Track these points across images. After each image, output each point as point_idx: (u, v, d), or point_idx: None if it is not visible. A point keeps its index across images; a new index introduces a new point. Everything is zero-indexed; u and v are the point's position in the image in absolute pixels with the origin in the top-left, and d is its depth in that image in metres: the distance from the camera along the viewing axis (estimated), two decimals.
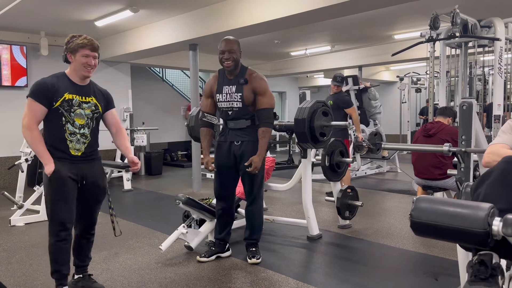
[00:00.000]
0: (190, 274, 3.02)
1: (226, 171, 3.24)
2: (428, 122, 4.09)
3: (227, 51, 3.07)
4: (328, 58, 9.91)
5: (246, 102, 3.09)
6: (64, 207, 2.51)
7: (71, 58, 2.55)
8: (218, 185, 3.30)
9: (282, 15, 4.92)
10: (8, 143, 6.87)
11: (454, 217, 1.11)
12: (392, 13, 6.14)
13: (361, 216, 4.50)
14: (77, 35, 2.58)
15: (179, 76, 11.50)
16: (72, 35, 2.58)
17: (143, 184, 7.35)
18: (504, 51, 4.55)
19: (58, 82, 2.51)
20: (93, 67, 2.57)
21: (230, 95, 3.11)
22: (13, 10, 5.24)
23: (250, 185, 3.22)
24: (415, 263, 3.27)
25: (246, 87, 3.09)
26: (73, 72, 2.57)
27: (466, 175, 2.25)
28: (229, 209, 3.34)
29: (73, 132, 2.55)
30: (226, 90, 3.13)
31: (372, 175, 7.70)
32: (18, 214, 4.55)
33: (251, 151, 3.11)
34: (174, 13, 6.17)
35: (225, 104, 3.15)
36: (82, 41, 2.53)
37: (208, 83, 3.28)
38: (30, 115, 2.46)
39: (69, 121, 2.53)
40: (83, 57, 2.52)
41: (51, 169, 2.47)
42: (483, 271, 1.12)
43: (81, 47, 2.52)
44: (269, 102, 3.12)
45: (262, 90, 3.11)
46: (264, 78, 3.19)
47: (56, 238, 2.50)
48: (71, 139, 2.54)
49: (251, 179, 3.20)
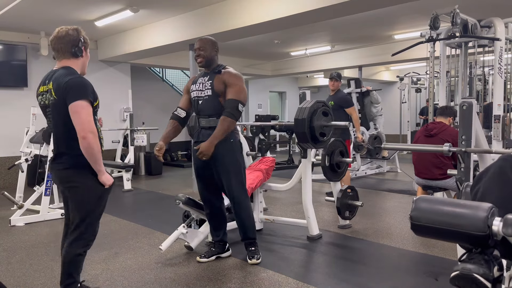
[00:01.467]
0: (190, 274, 3.02)
1: (204, 172, 3.19)
2: (430, 122, 4.09)
3: (197, 49, 3.16)
4: (328, 58, 9.91)
5: (216, 89, 3.05)
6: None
7: (84, 52, 2.38)
8: (200, 188, 3.27)
9: (282, 15, 4.92)
10: (8, 143, 6.87)
11: (454, 217, 1.11)
12: (392, 13, 6.14)
13: (361, 216, 4.50)
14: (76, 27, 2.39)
15: (179, 76, 11.50)
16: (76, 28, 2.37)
17: (143, 184, 7.35)
18: (504, 51, 4.54)
19: None
20: None
21: (203, 84, 3.14)
22: (13, 10, 5.24)
23: (227, 185, 3.12)
24: (415, 263, 3.27)
25: (219, 76, 3.10)
26: (81, 67, 2.40)
27: (466, 175, 2.25)
28: (217, 210, 3.29)
29: (99, 130, 2.39)
30: (199, 80, 3.19)
31: (372, 175, 7.69)
32: (18, 214, 4.54)
33: (223, 152, 3.05)
34: (174, 13, 6.18)
35: (196, 93, 3.16)
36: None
37: (189, 81, 3.34)
38: (91, 120, 2.20)
39: (96, 121, 2.37)
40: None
41: (111, 178, 2.33)
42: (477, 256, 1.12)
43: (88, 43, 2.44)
44: (237, 94, 3.03)
45: (232, 82, 3.07)
46: (239, 75, 3.14)
47: (87, 247, 2.38)
48: (101, 137, 2.37)
49: (226, 179, 3.11)
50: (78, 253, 2.33)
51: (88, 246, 2.37)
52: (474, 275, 1.08)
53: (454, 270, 1.13)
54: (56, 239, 3.95)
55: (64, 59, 2.34)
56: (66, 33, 2.32)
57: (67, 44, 2.31)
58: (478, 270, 1.09)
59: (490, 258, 1.11)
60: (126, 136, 7.53)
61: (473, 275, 1.08)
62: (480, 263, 1.11)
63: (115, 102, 8.36)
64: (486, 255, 1.12)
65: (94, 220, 2.37)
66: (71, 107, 2.18)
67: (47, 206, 4.68)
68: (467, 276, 1.09)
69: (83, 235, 2.33)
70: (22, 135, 5.75)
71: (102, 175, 2.27)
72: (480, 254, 1.13)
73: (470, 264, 1.11)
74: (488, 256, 1.12)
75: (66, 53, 2.33)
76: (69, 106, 2.18)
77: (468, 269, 1.10)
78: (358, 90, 7.39)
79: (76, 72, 2.33)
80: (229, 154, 3.10)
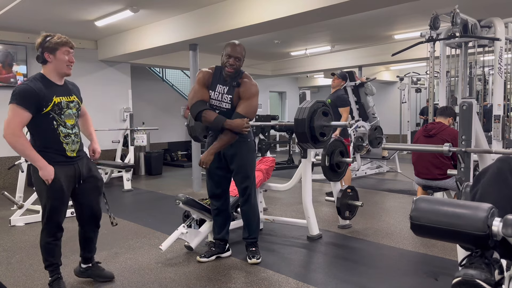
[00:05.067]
0: (190, 274, 3.02)
1: (217, 171, 3.23)
2: (429, 123, 4.09)
3: (234, 57, 3.01)
4: (328, 58, 9.91)
5: (235, 104, 3.06)
6: (62, 210, 2.57)
7: (49, 57, 2.50)
8: (210, 184, 3.29)
9: (282, 15, 4.92)
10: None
11: (454, 218, 1.11)
12: (392, 13, 6.14)
13: (361, 216, 4.50)
14: (51, 34, 2.54)
15: (179, 76, 11.49)
16: (45, 35, 2.53)
17: (143, 184, 7.35)
18: (504, 51, 4.54)
19: (43, 86, 2.46)
20: (72, 65, 2.58)
21: (221, 95, 3.08)
22: (13, 10, 5.24)
23: (242, 184, 3.21)
24: (415, 263, 3.27)
25: (237, 90, 3.05)
26: (53, 72, 2.53)
27: (466, 175, 2.25)
28: (224, 207, 3.34)
29: (67, 134, 2.54)
30: (219, 89, 3.09)
31: (372, 175, 7.69)
32: (18, 214, 4.54)
33: (241, 151, 3.11)
34: (174, 13, 6.17)
35: (215, 102, 3.12)
36: (61, 39, 2.51)
37: (204, 74, 3.11)
38: (16, 122, 2.37)
39: (61, 124, 2.51)
40: (65, 55, 2.51)
41: (51, 173, 2.44)
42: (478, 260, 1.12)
43: (62, 45, 2.50)
44: (245, 110, 3.01)
45: (247, 96, 3.03)
46: (255, 86, 3.09)
47: (53, 238, 2.60)
48: (66, 142, 2.54)
49: (243, 178, 3.19)
50: (46, 242, 2.59)
51: (55, 237, 2.59)
52: (477, 281, 1.08)
53: (456, 276, 1.12)
54: None
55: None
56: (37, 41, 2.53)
57: (36, 52, 2.53)
58: (480, 276, 1.08)
59: (491, 262, 1.11)
60: (126, 136, 7.53)
61: (476, 281, 1.08)
62: (481, 267, 1.10)
63: (115, 102, 8.36)
64: (487, 259, 1.12)
65: (52, 213, 2.52)
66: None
67: None
68: (469, 282, 1.09)
69: (46, 225, 2.56)
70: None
71: (40, 170, 2.43)
72: (481, 258, 1.12)
73: (472, 269, 1.11)
74: (488, 260, 1.12)
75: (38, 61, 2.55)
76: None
77: (470, 275, 1.09)
78: (352, 83, 7.34)
79: (35, 76, 2.51)
80: (247, 153, 3.18)
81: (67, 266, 3.22)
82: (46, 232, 2.59)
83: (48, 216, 2.54)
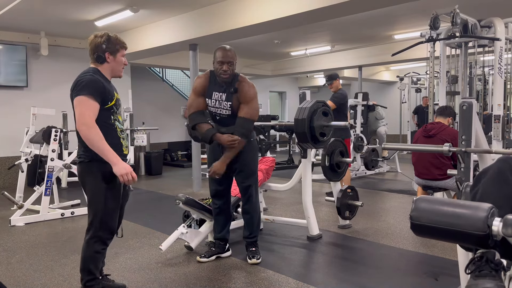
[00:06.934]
0: (190, 274, 3.02)
1: None
2: (429, 123, 4.09)
3: (226, 63, 2.97)
4: (328, 58, 9.91)
5: (235, 109, 3.05)
6: (117, 213, 2.46)
7: (109, 58, 2.43)
8: (212, 184, 3.30)
9: (282, 15, 4.92)
10: (8, 143, 6.87)
11: (454, 217, 1.11)
12: (392, 13, 6.14)
13: (361, 216, 4.50)
14: (108, 33, 2.45)
15: (179, 76, 11.50)
16: (105, 34, 2.42)
17: (143, 184, 7.35)
18: (504, 51, 4.54)
19: (104, 81, 2.40)
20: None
21: (220, 102, 3.06)
22: (13, 10, 5.24)
23: (244, 183, 3.22)
24: (415, 263, 3.27)
25: (236, 96, 3.03)
26: (108, 71, 2.47)
27: (466, 175, 2.25)
28: (225, 207, 3.34)
29: (122, 129, 2.48)
30: (215, 96, 3.06)
31: (372, 175, 7.69)
32: (18, 214, 4.54)
33: (244, 150, 3.11)
34: (174, 13, 6.18)
35: (213, 109, 3.12)
36: (121, 40, 2.47)
37: (200, 81, 3.11)
38: (90, 113, 2.26)
39: (116, 120, 2.45)
40: (123, 58, 2.50)
41: (128, 167, 2.29)
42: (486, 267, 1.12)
43: (122, 47, 2.48)
44: (250, 113, 3.02)
45: (247, 99, 3.02)
46: (253, 87, 3.08)
47: (104, 246, 2.43)
48: (123, 137, 2.46)
49: (245, 177, 3.20)
50: (95, 250, 2.38)
51: (105, 245, 2.43)
52: None
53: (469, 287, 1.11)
54: (56, 239, 3.95)
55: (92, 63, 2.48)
56: (92, 39, 2.43)
57: (91, 50, 2.44)
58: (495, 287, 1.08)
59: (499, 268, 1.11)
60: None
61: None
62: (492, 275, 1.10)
63: None
64: (492, 263, 1.11)
65: (108, 217, 2.38)
66: (74, 102, 2.32)
67: (47, 206, 4.68)
68: None
69: (99, 232, 2.37)
70: (22, 135, 5.75)
71: (113, 166, 2.27)
72: (487, 263, 1.12)
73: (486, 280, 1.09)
74: (494, 264, 1.11)
75: (91, 58, 2.46)
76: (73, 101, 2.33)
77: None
78: (364, 102, 7.47)
79: (91, 70, 2.41)
80: (250, 153, 3.19)
81: (67, 266, 3.23)
82: (97, 240, 2.38)
83: (103, 221, 2.36)
